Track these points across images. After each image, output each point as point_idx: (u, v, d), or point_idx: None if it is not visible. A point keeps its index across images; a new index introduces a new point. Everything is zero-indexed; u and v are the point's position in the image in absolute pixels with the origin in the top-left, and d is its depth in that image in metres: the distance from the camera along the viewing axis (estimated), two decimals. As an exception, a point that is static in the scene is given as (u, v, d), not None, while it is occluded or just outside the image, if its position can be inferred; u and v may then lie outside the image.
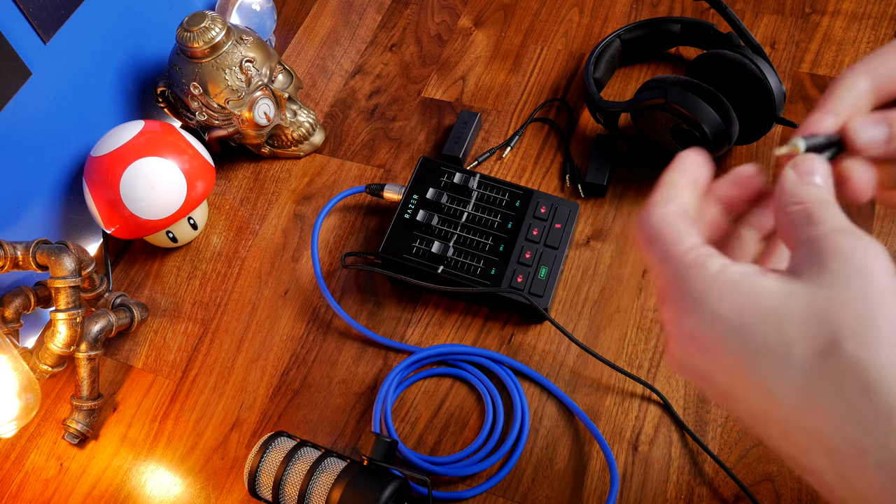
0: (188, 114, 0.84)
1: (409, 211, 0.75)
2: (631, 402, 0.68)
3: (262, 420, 0.72)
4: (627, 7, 0.93)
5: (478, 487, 0.65)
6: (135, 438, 0.73)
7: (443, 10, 0.98)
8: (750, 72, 0.74)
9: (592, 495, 0.64)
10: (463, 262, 0.72)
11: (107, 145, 0.77)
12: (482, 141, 0.86)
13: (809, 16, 0.88)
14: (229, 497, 0.68)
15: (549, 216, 0.74)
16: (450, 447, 0.68)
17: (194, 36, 0.78)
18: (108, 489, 0.71)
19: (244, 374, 0.75)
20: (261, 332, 0.77)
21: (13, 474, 0.73)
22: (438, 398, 0.71)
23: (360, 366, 0.74)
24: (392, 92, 0.92)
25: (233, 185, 0.88)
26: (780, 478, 0.63)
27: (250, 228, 0.84)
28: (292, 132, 0.86)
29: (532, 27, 0.94)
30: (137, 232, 0.78)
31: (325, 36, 0.99)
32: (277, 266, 0.81)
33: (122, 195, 0.76)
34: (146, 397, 0.75)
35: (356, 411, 0.71)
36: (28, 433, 0.75)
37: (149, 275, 0.83)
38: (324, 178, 0.87)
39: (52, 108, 0.78)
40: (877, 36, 0.85)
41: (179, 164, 0.77)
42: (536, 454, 0.67)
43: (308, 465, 0.61)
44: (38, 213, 0.79)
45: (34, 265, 0.68)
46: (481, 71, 0.91)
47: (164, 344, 0.78)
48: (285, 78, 0.85)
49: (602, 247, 0.76)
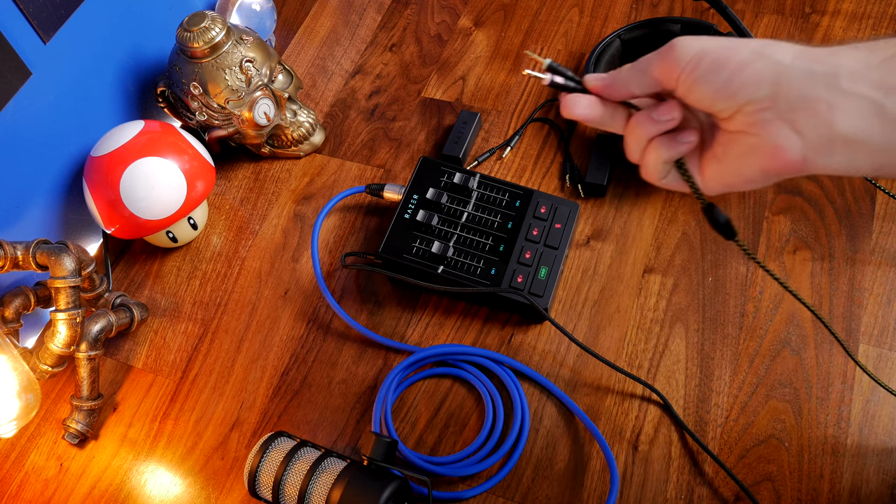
0: (188, 114, 0.84)
1: (409, 211, 0.75)
2: (631, 402, 0.68)
3: (262, 420, 0.72)
4: (627, 7, 0.93)
5: (478, 487, 0.65)
6: (135, 438, 0.73)
7: (443, 10, 0.98)
8: (750, 72, 0.74)
9: (592, 495, 0.64)
10: (463, 262, 0.72)
11: (107, 145, 0.77)
12: (482, 141, 0.86)
13: (809, 16, 0.88)
14: (229, 497, 0.68)
15: (549, 216, 0.74)
16: (450, 447, 0.68)
17: (194, 36, 0.78)
18: (108, 489, 0.71)
19: (244, 374, 0.75)
20: (261, 332, 0.77)
21: (13, 474, 0.73)
22: (438, 398, 0.71)
23: (360, 366, 0.74)
24: (392, 92, 0.92)
25: (233, 185, 0.88)
26: (780, 478, 0.63)
27: (250, 228, 0.84)
28: (292, 132, 0.86)
29: (532, 27, 0.94)
30: (137, 232, 0.78)
31: (325, 36, 0.99)
32: (277, 266, 0.81)
33: (122, 195, 0.76)
34: (146, 397, 0.75)
35: (356, 411, 0.71)
36: (28, 433, 0.75)
37: (149, 275, 0.83)
38: (324, 178, 0.87)
39: (52, 108, 0.78)
40: (877, 36, 0.85)
41: (179, 164, 0.77)
42: (536, 454, 0.67)
43: (308, 465, 0.61)
44: (38, 213, 0.79)
45: (34, 265, 0.68)
46: (481, 71, 0.91)
47: (164, 344, 0.78)
48: (285, 78, 0.85)
49: (602, 247, 0.76)
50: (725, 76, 0.41)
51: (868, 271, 0.71)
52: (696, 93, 0.42)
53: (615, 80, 0.46)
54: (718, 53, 0.42)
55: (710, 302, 0.72)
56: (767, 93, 0.40)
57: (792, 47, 0.41)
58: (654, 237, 0.76)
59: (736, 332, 0.70)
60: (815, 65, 0.40)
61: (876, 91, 0.39)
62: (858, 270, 0.71)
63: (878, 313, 0.69)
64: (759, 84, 0.40)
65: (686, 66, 0.42)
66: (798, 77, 0.40)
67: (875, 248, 0.72)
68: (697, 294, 0.72)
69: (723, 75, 0.41)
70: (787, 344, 0.69)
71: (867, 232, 0.73)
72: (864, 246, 0.73)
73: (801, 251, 0.73)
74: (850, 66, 0.40)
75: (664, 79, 0.44)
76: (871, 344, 0.68)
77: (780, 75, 0.40)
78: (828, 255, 0.73)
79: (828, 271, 0.72)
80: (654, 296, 0.73)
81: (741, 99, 0.41)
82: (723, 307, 0.71)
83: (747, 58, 0.41)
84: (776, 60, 0.41)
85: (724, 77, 0.41)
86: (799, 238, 0.74)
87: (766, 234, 0.75)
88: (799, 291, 0.71)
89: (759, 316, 0.70)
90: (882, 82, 0.39)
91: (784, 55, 0.41)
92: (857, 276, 0.71)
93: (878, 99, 0.39)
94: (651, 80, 0.45)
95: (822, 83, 0.39)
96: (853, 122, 0.39)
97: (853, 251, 0.72)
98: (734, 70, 0.41)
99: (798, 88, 0.40)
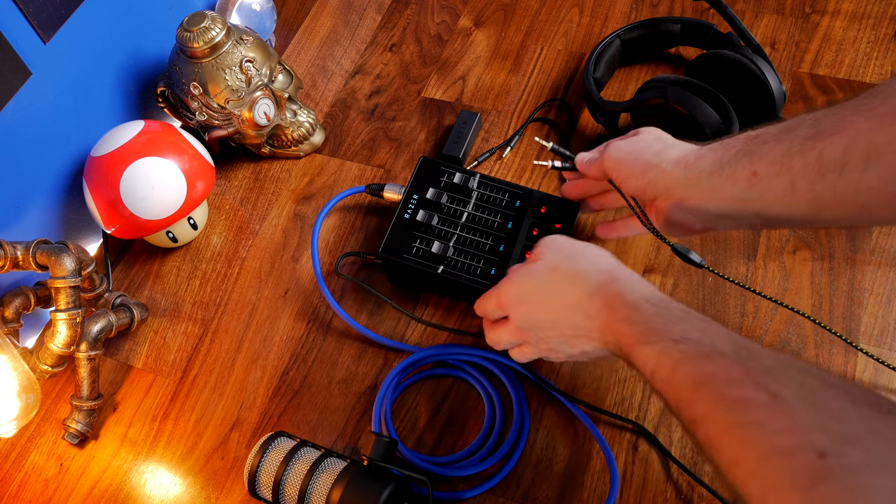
0: (188, 114, 0.84)
1: (409, 211, 0.75)
2: (631, 402, 0.68)
3: (262, 420, 0.72)
4: (627, 7, 0.93)
5: (478, 487, 0.65)
6: (135, 438, 0.73)
7: (443, 10, 0.98)
8: (750, 72, 0.74)
9: (592, 495, 0.64)
10: (463, 262, 0.72)
11: (107, 145, 0.77)
12: (482, 141, 0.86)
13: (809, 16, 0.88)
14: (229, 497, 0.68)
15: (548, 216, 0.74)
16: (450, 447, 0.68)
17: (194, 36, 0.78)
18: (108, 489, 0.71)
19: (244, 374, 0.75)
20: (261, 332, 0.77)
21: (13, 474, 0.73)
22: (438, 398, 0.71)
23: (360, 366, 0.74)
24: (392, 92, 0.92)
25: (233, 185, 0.88)
26: (780, 478, 0.63)
27: (250, 228, 0.84)
28: (292, 132, 0.86)
29: (532, 27, 0.94)
30: (137, 232, 0.78)
31: (325, 36, 0.99)
32: (277, 266, 0.81)
33: (122, 195, 0.76)
34: (146, 397, 0.75)
35: (356, 411, 0.71)
36: (28, 433, 0.75)
37: (149, 275, 0.83)
38: (324, 178, 0.87)
39: (52, 108, 0.78)
40: (877, 36, 0.85)
41: (179, 164, 0.77)
42: (536, 454, 0.67)
43: (308, 465, 0.61)
44: (38, 213, 0.79)
45: (34, 265, 0.68)
46: (481, 71, 0.91)
47: (164, 344, 0.78)
48: (285, 78, 0.85)
49: (602, 247, 0.76)
50: (634, 183, 0.62)
51: (868, 271, 0.71)
52: (624, 188, 0.63)
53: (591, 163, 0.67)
54: (628, 166, 0.62)
55: (710, 302, 0.72)
56: (662, 192, 0.60)
57: (672, 156, 0.59)
58: (654, 237, 0.76)
59: (736, 331, 0.70)
60: (687, 171, 0.58)
61: (728, 184, 0.55)
62: (858, 270, 0.71)
63: (878, 313, 0.69)
64: (657, 187, 0.60)
65: (612, 172, 0.64)
66: (678, 182, 0.58)
67: (875, 248, 0.72)
68: (697, 294, 0.72)
69: (632, 182, 0.62)
70: (787, 344, 0.69)
71: (867, 232, 0.73)
72: (864, 246, 0.73)
73: (801, 251, 0.73)
74: (709, 168, 0.56)
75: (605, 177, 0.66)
76: (871, 344, 0.68)
77: (666, 181, 0.59)
78: (828, 255, 0.73)
79: (828, 271, 0.72)
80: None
81: (650, 195, 0.61)
82: (723, 307, 0.71)
83: (643, 168, 0.60)
84: (662, 170, 0.59)
85: (634, 184, 0.62)
86: (799, 238, 0.74)
87: (766, 234, 0.75)
88: (799, 291, 0.71)
89: (759, 316, 0.70)
90: (732, 176, 0.55)
91: (667, 164, 0.59)
92: (857, 276, 0.71)
93: (730, 188, 0.55)
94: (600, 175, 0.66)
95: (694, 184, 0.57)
96: (720, 206, 0.57)
97: (853, 251, 0.72)
98: (639, 178, 0.61)
99: (680, 190, 0.58)
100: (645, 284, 0.55)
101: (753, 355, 0.44)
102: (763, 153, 0.53)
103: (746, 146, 0.55)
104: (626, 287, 0.54)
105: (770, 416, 0.40)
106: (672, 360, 0.47)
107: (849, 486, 0.35)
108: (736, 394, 0.42)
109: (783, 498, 0.37)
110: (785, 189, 0.52)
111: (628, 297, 0.53)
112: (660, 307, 0.51)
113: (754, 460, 0.39)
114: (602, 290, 0.55)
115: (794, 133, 0.52)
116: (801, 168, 0.51)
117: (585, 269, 0.57)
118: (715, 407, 0.43)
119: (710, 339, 0.47)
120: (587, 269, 0.57)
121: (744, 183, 0.54)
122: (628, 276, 0.55)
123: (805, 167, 0.50)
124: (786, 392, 0.40)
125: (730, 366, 0.44)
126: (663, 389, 0.48)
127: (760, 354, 0.44)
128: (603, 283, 0.55)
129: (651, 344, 0.49)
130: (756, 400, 0.41)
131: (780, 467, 0.38)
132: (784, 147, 0.52)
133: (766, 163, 0.53)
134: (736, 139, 0.57)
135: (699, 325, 0.49)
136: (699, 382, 0.44)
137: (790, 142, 0.52)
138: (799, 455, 0.37)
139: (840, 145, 0.49)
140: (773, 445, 0.38)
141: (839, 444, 0.36)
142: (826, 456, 0.36)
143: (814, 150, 0.50)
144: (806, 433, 0.38)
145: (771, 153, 0.53)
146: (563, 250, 0.59)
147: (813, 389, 0.40)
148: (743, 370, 0.43)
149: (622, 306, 0.53)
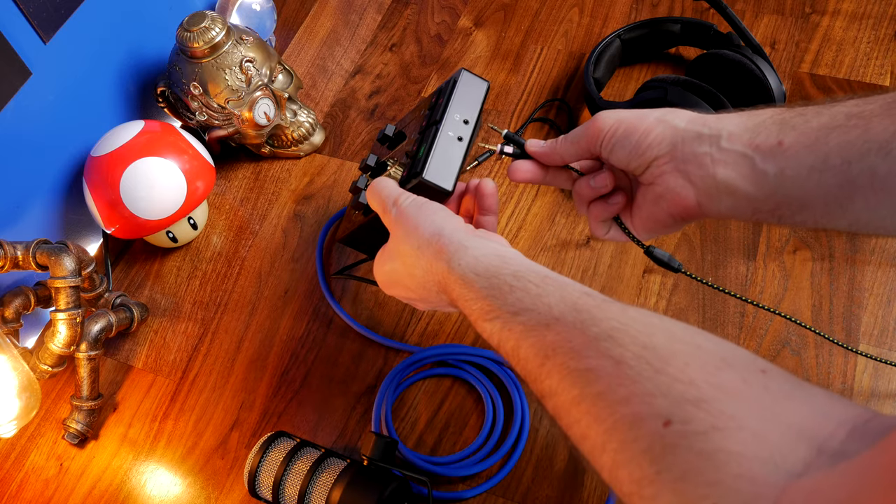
0: (188, 114, 0.84)
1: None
2: (631, 402, 0.68)
3: (262, 420, 0.72)
4: (627, 7, 0.93)
5: (478, 487, 0.65)
6: (135, 438, 0.73)
7: (443, 10, 0.98)
8: (750, 72, 0.74)
9: (592, 495, 0.64)
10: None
11: (107, 145, 0.77)
12: (482, 141, 0.86)
13: (809, 16, 0.88)
14: (229, 497, 0.68)
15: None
16: (450, 447, 0.68)
17: (194, 36, 0.78)
18: (108, 489, 0.71)
19: (244, 374, 0.75)
20: (261, 332, 0.77)
21: (13, 474, 0.73)
22: (438, 398, 0.71)
23: (360, 366, 0.74)
24: (392, 92, 0.92)
25: (233, 185, 0.88)
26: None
27: (250, 228, 0.84)
28: (292, 132, 0.86)
29: (532, 27, 0.94)
30: (137, 232, 0.78)
31: (325, 36, 0.99)
32: (277, 266, 0.81)
33: (122, 195, 0.76)
34: (146, 397, 0.75)
35: (356, 411, 0.71)
36: (28, 433, 0.75)
37: (149, 275, 0.83)
38: (324, 178, 0.87)
39: (52, 108, 0.78)
40: (877, 36, 0.85)
41: (179, 164, 0.77)
42: (536, 454, 0.67)
43: (308, 465, 0.61)
44: (38, 213, 0.79)
45: (34, 265, 0.68)
46: (481, 71, 0.91)
47: (164, 344, 0.78)
48: (285, 78, 0.85)
49: (602, 247, 0.76)
50: (635, 140, 0.51)
51: (868, 271, 0.71)
52: (615, 154, 0.53)
53: (552, 150, 0.56)
54: (630, 122, 0.52)
55: (710, 302, 0.72)
56: (666, 150, 0.51)
57: (687, 114, 0.51)
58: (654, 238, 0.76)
59: (736, 332, 0.70)
60: (703, 128, 0.50)
61: (748, 149, 0.48)
62: (858, 270, 0.71)
63: (878, 313, 0.69)
64: (661, 144, 0.51)
65: (606, 133, 0.53)
66: (689, 137, 0.50)
67: (875, 248, 0.72)
68: (697, 294, 0.72)
69: (633, 139, 0.52)
70: (787, 344, 0.69)
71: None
72: (864, 246, 0.73)
73: (801, 251, 0.73)
74: (730, 128, 0.49)
75: (591, 146, 0.54)
76: (871, 344, 0.68)
77: (675, 136, 0.50)
78: (828, 255, 0.73)
79: (828, 271, 0.72)
80: (654, 296, 0.73)
81: (648, 157, 0.51)
82: (723, 307, 0.71)
83: (651, 124, 0.51)
84: (673, 125, 0.51)
85: (634, 141, 0.51)
86: (799, 238, 0.74)
87: (766, 234, 0.75)
88: (799, 292, 0.71)
89: (759, 316, 0.70)
90: (752, 142, 0.48)
91: (680, 121, 0.51)
92: (857, 276, 0.71)
93: (749, 154, 0.48)
94: (580, 149, 0.55)
95: (707, 142, 0.49)
96: (731, 173, 0.49)
97: (853, 251, 0.72)
98: (642, 134, 0.51)
99: (689, 146, 0.50)
100: (469, 249, 0.49)
101: (594, 318, 0.41)
102: (796, 124, 0.47)
103: (778, 115, 0.49)
104: (453, 261, 0.49)
105: (613, 384, 0.38)
106: (514, 335, 0.45)
107: (699, 454, 0.33)
108: (580, 365, 0.40)
109: (634, 472, 0.35)
110: (813, 166, 0.46)
111: (456, 273, 0.49)
112: (489, 277, 0.47)
113: (602, 433, 0.38)
114: (433, 272, 0.51)
115: (836, 109, 0.47)
116: (839, 145, 0.45)
117: (417, 246, 0.52)
118: (561, 381, 0.41)
119: (547, 307, 0.44)
120: (418, 246, 0.52)
121: (767, 151, 0.47)
122: (451, 242, 0.50)
123: (844, 144, 0.45)
124: (627, 355, 0.38)
125: (571, 334, 0.41)
126: (513, 365, 0.46)
127: (601, 317, 0.42)
128: (431, 260, 0.51)
129: (491, 321, 0.46)
130: (599, 369, 0.39)
131: (627, 440, 0.36)
132: (823, 120, 0.46)
133: (797, 133, 0.47)
134: (766, 109, 0.50)
135: (534, 291, 0.45)
136: (544, 356, 0.42)
137: (831, 117, 0.46)
138: (644, 424, 0.35)
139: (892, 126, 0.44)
140: (620, 416, 0.37)
141: (684, 407, 0.34)
142: (672, 423, 0.34)
143: (857, 128, 0.45)
144: (648, 400, 0.36)
145: (806, 124, 0.47)
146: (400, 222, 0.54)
147: (656, 348, 0.38)
148: (584, 338, 0.41)
149: (454, 285, 0.49)
